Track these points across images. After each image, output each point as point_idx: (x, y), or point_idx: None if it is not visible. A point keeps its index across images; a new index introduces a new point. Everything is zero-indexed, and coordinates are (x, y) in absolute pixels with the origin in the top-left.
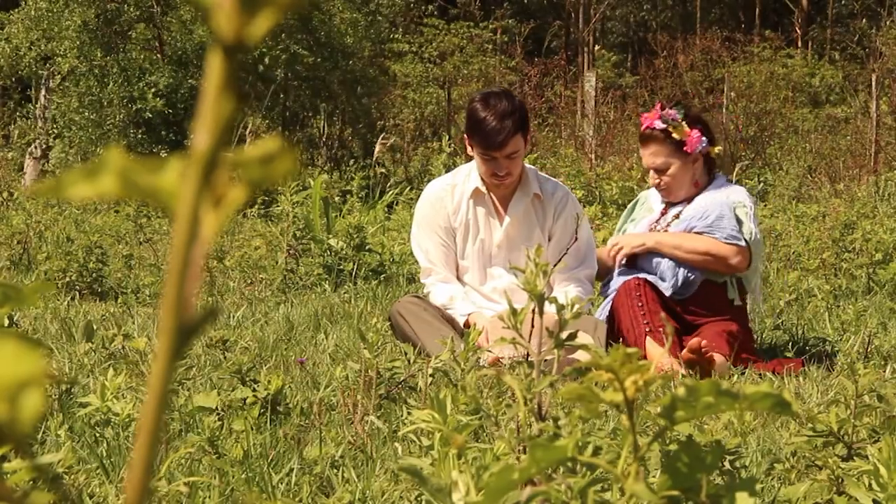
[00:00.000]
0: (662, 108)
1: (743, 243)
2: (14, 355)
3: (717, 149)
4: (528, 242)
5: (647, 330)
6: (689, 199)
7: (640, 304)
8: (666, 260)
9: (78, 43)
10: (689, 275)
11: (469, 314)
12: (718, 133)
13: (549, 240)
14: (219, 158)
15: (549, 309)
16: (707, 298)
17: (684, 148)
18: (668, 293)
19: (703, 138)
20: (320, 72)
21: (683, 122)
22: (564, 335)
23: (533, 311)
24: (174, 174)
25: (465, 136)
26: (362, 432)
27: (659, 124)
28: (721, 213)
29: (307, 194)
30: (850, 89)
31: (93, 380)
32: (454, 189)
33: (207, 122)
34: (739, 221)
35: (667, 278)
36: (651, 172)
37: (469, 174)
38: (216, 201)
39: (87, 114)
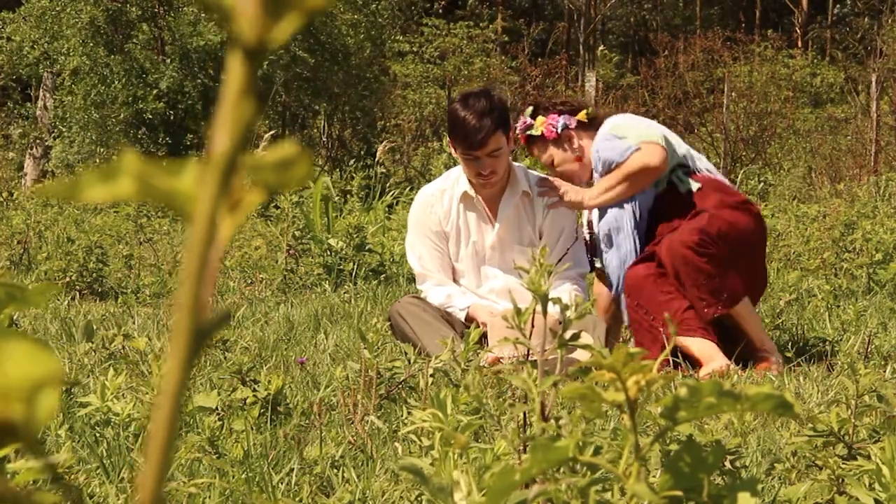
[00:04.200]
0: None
1: (637, 144)
2: (29, 356)
3: (582, 113)
4: (520, 242)
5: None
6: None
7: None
8: (613, 260)
9: (82, 41)
10: (626, 259)
11: (468, 306)
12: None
13: (540, 237)
14: (237, 162)
15: (550, 309)
16: (668, 211)
17: (546, 137)
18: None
19: (558, 117)
20: (321, 72)
21: (536, 118)
22: (568, 335)
23: (535, 311)
24: (191, 177)
25: (448, 137)
26: (362, 432)
27: (522, 134)
28: (599, 147)
29: (307, 194)
30: (850, 89)
31: (93, 380)
32: (444, 194)
33: (227, 126)
34: (622, 137)
35: (612, 277)
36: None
37: (458, 178)
38: (233, 205)
39: (91, 111)
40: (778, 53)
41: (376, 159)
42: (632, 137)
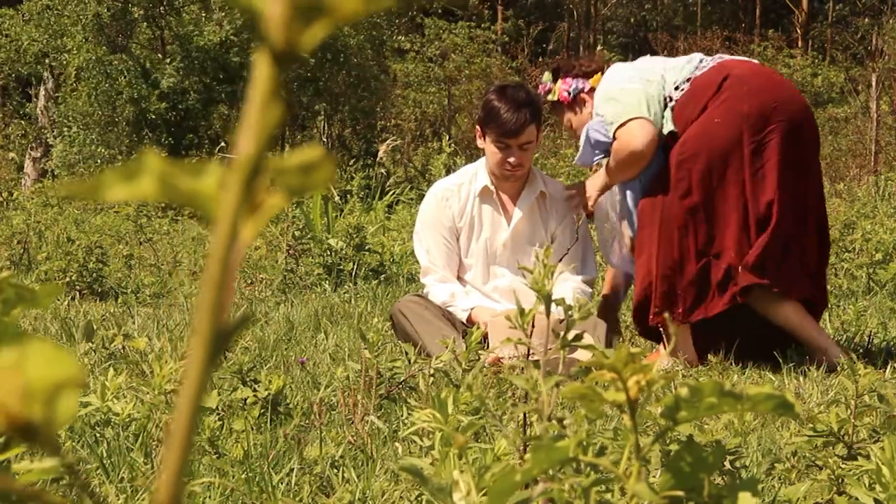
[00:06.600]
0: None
1: (617, 125)
2: (50, 358)
3: (595, 77)
4: (531, 243)
5: None
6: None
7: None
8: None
9: (85, 39)
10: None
11: (471, 308)
12: None
13: (552, 242)
14: (261, 166)
15: (553, 309)
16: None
17: (562, 101)
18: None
19: (572, 81)
20: (321, 72)
21: (555, 84)
22: (570, 335)
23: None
24: (214, 179)
25: (477, 127)
26: (362, 432)
27: (546, 101)
28: (589, 127)
29: (307, 194)
30: (850, 89)
31: (93, 380)
32: (461, 188)
33: (253, 130)
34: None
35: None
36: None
37: (476, 174)
38: (255, 208)
39: (96, 109)
40: (778, 53)
41: (377, 158)
42: (612, 115)
